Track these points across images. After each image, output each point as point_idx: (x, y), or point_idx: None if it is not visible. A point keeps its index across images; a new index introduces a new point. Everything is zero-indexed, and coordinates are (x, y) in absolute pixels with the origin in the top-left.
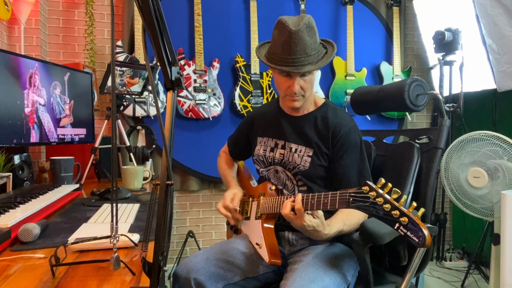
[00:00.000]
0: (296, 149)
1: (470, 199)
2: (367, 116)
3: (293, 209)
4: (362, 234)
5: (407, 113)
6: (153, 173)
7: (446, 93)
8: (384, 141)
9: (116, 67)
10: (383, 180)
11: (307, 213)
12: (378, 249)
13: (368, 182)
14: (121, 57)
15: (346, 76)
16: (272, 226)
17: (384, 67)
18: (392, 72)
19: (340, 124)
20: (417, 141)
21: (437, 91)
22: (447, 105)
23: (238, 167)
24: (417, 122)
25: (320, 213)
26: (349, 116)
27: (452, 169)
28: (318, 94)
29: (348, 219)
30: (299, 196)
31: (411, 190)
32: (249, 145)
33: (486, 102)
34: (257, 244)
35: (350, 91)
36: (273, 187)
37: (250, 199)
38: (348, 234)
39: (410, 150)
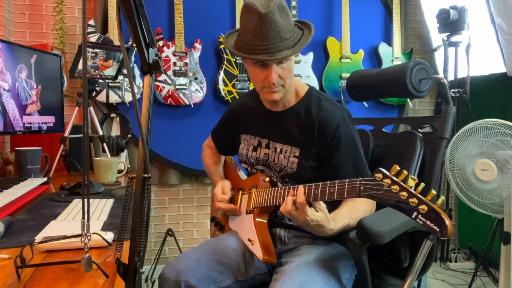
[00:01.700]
0: (281, 149)
1: (477, 194)
2: (364, 102)
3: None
4: (359, 233)
5: (408, 99)
6: (129, 166)
7: (451, 77)
8: (383, 130)
9: (88, 49)
10: (397, 167)
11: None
12: (377, 250)
13: (381, 169)
14: (93, 38)
15: (341, 58)
16: (265, 221)
17: (383, 48)
18: (392, 54)
19: (326, 118)
20: (419, 130)
21: (441, 75)
22: (453, 90)
23: (225, 160)
24: (420, 110)
25: (323, 205)
26: (336, 106)
27: (458, 161)
28: (311, 79)
29: (354, 212)
30: (301, 189)
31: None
32: (235, 140)
33: (495, 87)
34: (249, 240)
35: (346, 75)
36: (267, 179)
37: (240, 192)
38: (345, 233)
39: (412, 140)
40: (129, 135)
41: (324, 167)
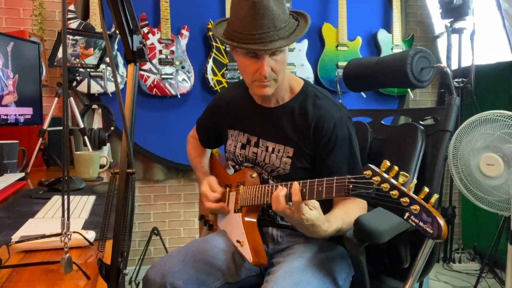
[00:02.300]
0: (273, 149)
1: (482, 190)
2: (362, 93)
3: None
4: (356, 231)
5: (409, 89)
6: (111, 160)
7: (454, 66)
8: (382, 122)
9: (68, 36)
10: (387, 163)
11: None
12: (376, 249)
13: (370, 165)
14: (73, 24)
15: (337, 46)
16: (255, 220)
17: (382, 35)
18: (392, 42)
19: (322, 118)
20: (421, 122)
21: (444, 63)
22: (456, 80)
23: (211, 153)
24: (421, 100)
25: (316, 203)
26: (334, 104)
27: (462, 155)
28: (305, 68)
29: (347, 216)
30: (296, 186)
31: (415, 180)
32: (220, 135)
33: (502, 77)
34: (238, 241)
35: (343, 63)
36: (255, 174)
37: (227, 189)
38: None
39: (413, 133)
40: (112, 128)
41: (318, 169)
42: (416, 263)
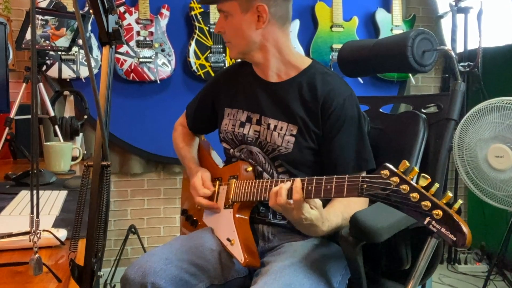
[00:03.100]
0: (275, 126)
1: (490, 184)
2: (359, 78)
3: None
4: (352, 229)
5: (410, 74)
6: (85, 152)
7: (460, 48)
8: (380, 110)
9: (37, 16)
10: (407, 163)
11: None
12: (374, 249)
13: (388, 165)
14: (43, 3)
15: (332, 27)
16: (247, 218)
17: (381, 15)
18: (391, 22)
19: (332, 93)
20: (423, 110)
21: (448, 46)
22: (462, 64)
23: (200, 143)
24: (423, 86)
25: (319, 203)
26: (344, 82)
27: (468, 146)
28: (296, 51)
29: (347, 211)
30: (298, 183)
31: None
32: (214, 116)
33: None
34: (228, 240)
35: (337, 46)
36: (250, 168)
37: (217, 182)
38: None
39: (414, 122)
40: (85, 116)
41: (323, 149)
42: (418, 264)
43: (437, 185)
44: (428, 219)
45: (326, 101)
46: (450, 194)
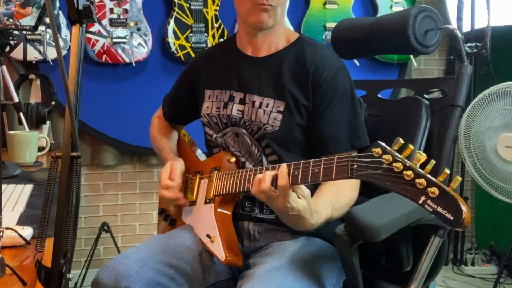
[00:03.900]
0: (261, 103)
1: (500, 177)
2: (355, 60)
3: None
4: (348, 227)
5: (411, 56)
6: (52, 142)
7: (466, 28)
8: (379, 96)
9: None
10: (401, 140)
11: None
12: (372, 249)
13: (379, 142)
14: None
15: (325, 4)
16: (230, 213)
17: None
18: None
19: (322, 64)
20: (425, 95)
21: (454, 25)
22: (468, 45)
23: (179, 136)
24: (426, 69)
25: (307, 192)
26: (334, 54)
27: (476, 136)
28: None
29: (338, 201)
30: (284, 168)
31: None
32: (193, 102)
33: None
34: (208, 236)
35: (331, 25)
36: (233, 159)
37: (197, 176)
38: (330, 226)
39: (416, 108)
40: (53, 102)
41: (313, 126)
42: (420, 266)
43: (433, 162)
44: (423, 198)
45: (316, 71)
46: (447, 170)
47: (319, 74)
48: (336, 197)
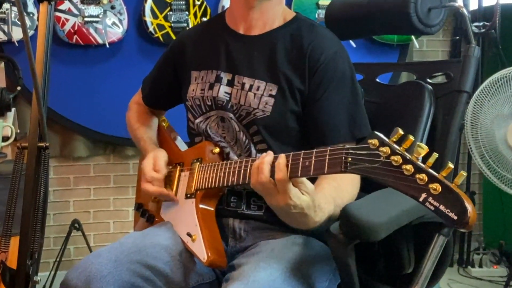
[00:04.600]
0: (251, 86)
1: (510, 170)
2: (350, 41)
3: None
4: (343, 225)
5: (413, 37)
6: (18, 131)
7: (474, 5)
8: (377, 80)
9: None
10: (400, 131)
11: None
12: (369, 249)
13: (377, 133)
14: None
15: None
16: (213, 209)
17: None
18: None
19: (321, 46)
20: (429, 80)
21: (460, 2)
22: (476, 24)
23: (159, 124)
24: (429, 51)
25: (311, 187)
26: (334, 35)
27: (484, 124)
28: None
29: (340, 196)
30: (282, 159)
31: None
32: (176, 85)
33: None
34: (188, 235)
35: (325, 2)
36: (217, 149)
37: (178, 168)
38: (323, 224)
39: (418, 94)
40: (19, 88)
41: (308, 113)
42: (423, 268)
43: (435, 155)
44: (424, 195)
45: (313, 53)
46: (451, 165)
47: (316, 56)
48: (337, 192)
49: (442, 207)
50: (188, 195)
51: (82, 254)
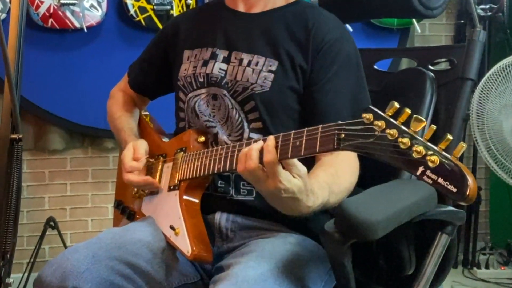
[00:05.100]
0: (249, 61)
1: None
2: (347, 25)
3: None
4: (339, 222)
5: (414, 20)
6: None
7: None
8: (375, 67)
9: None
10: (396, 104)
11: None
12: (367, 249)
13: (371, 107)
14: None
15: None
16: (198, 201)
17: None
18: None
19: (326, 26)
20: (431, 67)
21: None
22: (482, 7)
23: (140, 116)
24: (431, 36)
25: (303, 170)
26: (338, 19)
27: (490, 114)
28: None
29: (336, 182)
30: (271, 140)
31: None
32: (166, 71)
33: None
34: (171, 228)
35: None
36: (202, 138)
37: (160, 159)
38: (317, 221)
39: (420, 82)
40: None
41: (309, 95)
42: (425, 269)
43: (433, 127)
44: (421, 168)
45: (318, 32)
46: (450, 136)
47: (322, 35)
48: (333, 179)
49: (440, 180)
50: (172, 187)
51: (57, 254)
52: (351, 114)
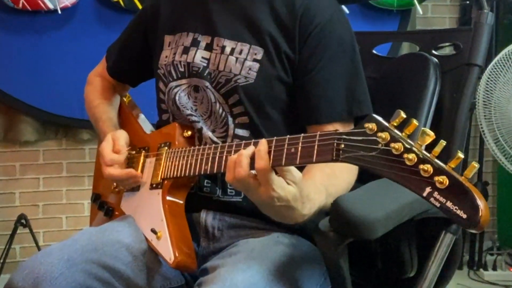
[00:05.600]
0: (233, 49)
1: None
2: (343, 7)
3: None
4: (335, 221)
5: (415, 1)
6: None
7: None
8: (374, 52)
9: None
10: (402, 114)
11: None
12: (365, 249)
13: (374, 116)
14: None
15: None
16: (182, 202)
17: None
18: None
19: (314, 6)
20: (434, 52)
21: None
22: None
23: (121, 101)
24: (435, 18)
25: (298, 176)
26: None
27: (498, 103)
28: None
29: (333, 184)
30: (263, 145)
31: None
32: (146, 54)
33: None
34: (153, 231)
35: None
36: (188, 133)
37: (142, 153)
38: (312, 220)
39: (422, 68)
40: None
41: (299, 85)
42: (427, 271)
43: (442, 143)
44: (428, 189)
45: (306, 13)
46: (460, 154)
47: (309, 18)
48: (330, 180)
49: (449, 204)
50: (154, 185)
51: (29, 255)
52: (346, 107)
